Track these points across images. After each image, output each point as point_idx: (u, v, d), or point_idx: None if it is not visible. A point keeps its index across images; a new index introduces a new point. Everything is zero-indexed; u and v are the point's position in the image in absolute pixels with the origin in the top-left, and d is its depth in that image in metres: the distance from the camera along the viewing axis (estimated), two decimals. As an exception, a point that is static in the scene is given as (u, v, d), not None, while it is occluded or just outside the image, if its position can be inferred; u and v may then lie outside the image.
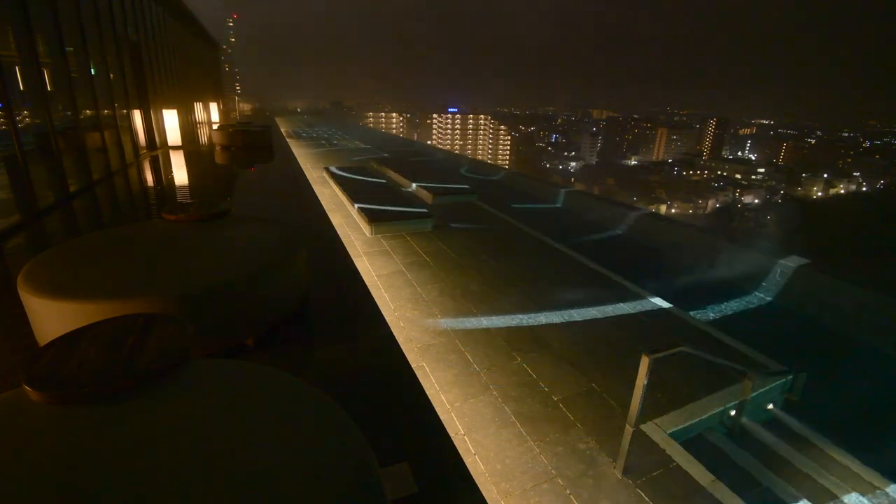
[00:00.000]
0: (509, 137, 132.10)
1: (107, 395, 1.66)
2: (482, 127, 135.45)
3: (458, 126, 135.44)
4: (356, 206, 9.75)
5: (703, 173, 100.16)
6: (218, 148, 15.43)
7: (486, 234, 9.06)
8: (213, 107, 27.41)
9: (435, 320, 5.51)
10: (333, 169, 14.47)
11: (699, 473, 3.32)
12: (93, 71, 8.98)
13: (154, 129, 13.42)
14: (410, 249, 7.99)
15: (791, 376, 4.48)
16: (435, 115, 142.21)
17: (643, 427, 3.71)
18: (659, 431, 3.70)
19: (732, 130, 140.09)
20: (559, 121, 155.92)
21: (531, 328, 5.38)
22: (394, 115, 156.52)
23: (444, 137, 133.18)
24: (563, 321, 5.58)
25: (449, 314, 5.66)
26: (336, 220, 9.35)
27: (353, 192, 11.07)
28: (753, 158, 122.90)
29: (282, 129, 29.83)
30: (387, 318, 3.89)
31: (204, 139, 18.90)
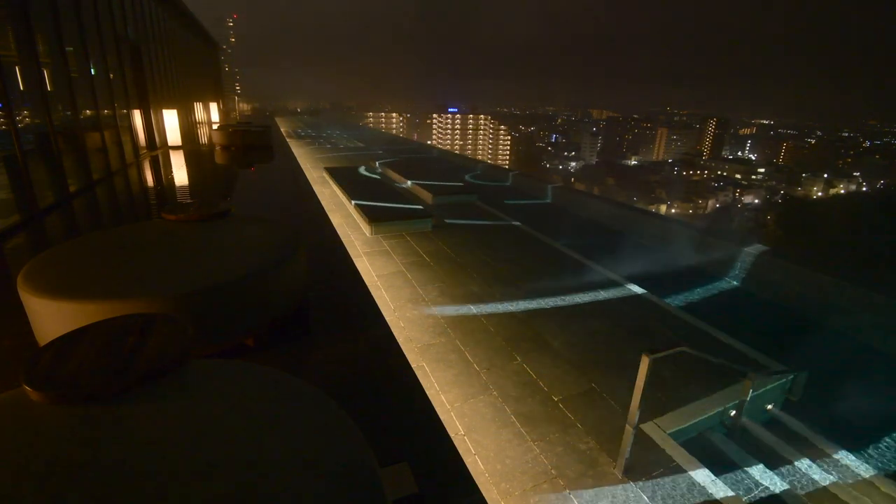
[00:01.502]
0: (509, 137, 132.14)
1: (107, 395, 1.66)
2: (482, 127, 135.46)
3: (458, 126, 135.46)
4: (356, 205, 9.75)
5: (703, 173, 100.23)
6: (218, 148, 15.43)
7: (486, 234, 9.06)
8: (213, 107, 27.42)
9: (435, 320, 5.51)
10: (333, 169, 14.48)
11: (699, 473, 3.32)
12: (93, 71, 8.98)
13: (154, 129, 13.42)
14: (410, 249, 7.98)
15: (791, 376, 4.48)
16: (435, 115, 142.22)
17: (643, 427, 3.71)
18: (659, 431, 3.70)
19: (732, 130, 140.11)
20: (559, 121, 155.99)
21: (531, 328, 5.38)
22: (394, 115, 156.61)
23: (444, 137, 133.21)
24: (564, 321, 5.58)
25: (449, 314, 5.66)
26: (336, 220, 9.35)
27: (353, 192, 11.08)
28: (753, 158, 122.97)
29: (282, 129, 29.84)
30: (387, 318, 3.89)
31: (204, 139, 18.90)
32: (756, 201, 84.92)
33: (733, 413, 4.08)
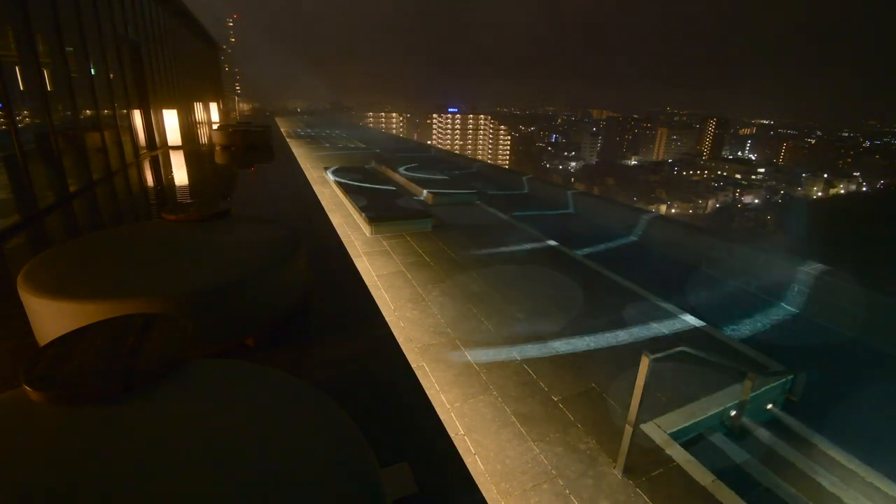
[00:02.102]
0: (509, 137, 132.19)
1: (107, 395, 1.66)
2: (482, 127, 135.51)
3: (458, 126, 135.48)
4: (356, 206, 9.75)
5: (703, 173, 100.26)
6: (218, 148, 15.43)
7: (486, 234, 9.06)
8: (213, 107, 27.42)
9: (435, 320, 5.50)
10: (333, 169, 14.48)
11: (699, 473, 3.32)
12: (93, 71, 8.98)
13: (154, 129, 13.42)
14: (410, 249, 7.98)
15: (791, 376, 4.49)
16: (435, 115, 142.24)
17: (643, 427, 3.71)
18: (659, 431, 3.70)
19: (732, 130, 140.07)
20: (559, 121, 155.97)
21: (531, 328, 5.38)
22: (394, 115, 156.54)
23: (444, 137, 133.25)
24: (564, 320, 5.57)
25: (449, 314, 5.66)
26: (336, 220, 9.35)
27: (353, 191, 11.07)
28: (753, 158, 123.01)
29: (282, 129, 29.84)
30: (387, 318, 3.88)
31: (204, 139, 18.90)
32: (756, 201, 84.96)
33: (733, 413, 4.08)
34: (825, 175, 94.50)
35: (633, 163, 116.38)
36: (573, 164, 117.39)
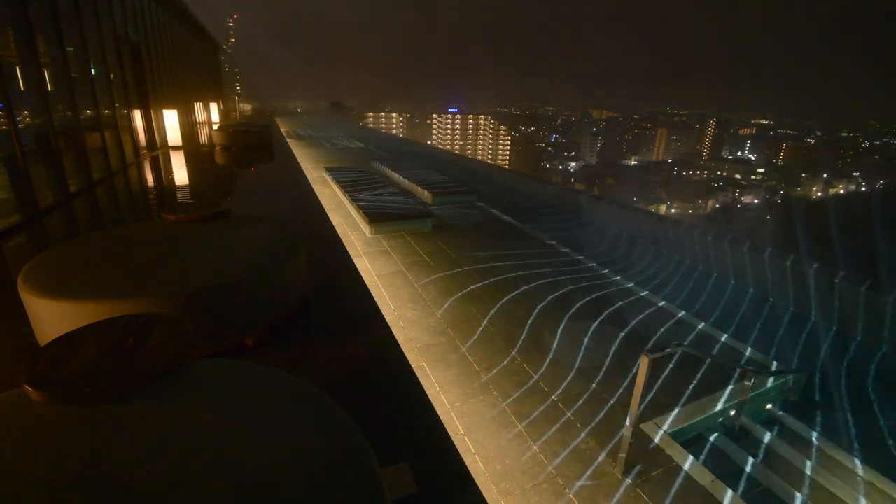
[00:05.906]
0: (509, 137, 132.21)
1: (107, 395, 1.66)
2: (482, 127, 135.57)
3: (458, 126, 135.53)
4: (356, 205, 9.75)
5: (703, 173, 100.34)
6: (218, 148, 15.44)
7: (487, 234, 9.06)
8: (213, 107, 27.42)
9: (435, 320, 5.50)
10: (333, 169, 14.47)
11: (699, 473, 3.32)
12: (93, 71, 8.98)
13: (154, 129, 13.42)
14: (410, 249, 7.98)
15: (791, 376, 4.49)
16: (435, 115, 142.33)
17: (643, 427, 3.71)
18: (659, 431, 3.70)
19: (732, 130, 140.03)
20: (559, 121, 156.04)
21: (531, 328, 5.38)
22: (394, 115, 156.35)
23: (444, 137, 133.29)
24: (564, 320, 5.58)
25: (449, 314, 5.66)
26: (336, 219, 9.34)
27: (353, 191, 11.07)
28: (753, 158, 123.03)
29: (282, 129, 29.83)
30: (387, 318, 3.89)
31: (204, 139, 18.90)
32: (756, 201, 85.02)
33: (733, 413, 4.08)
34: (825, 175, 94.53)
35: (633, 163, 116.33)
36: (573, 164, 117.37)
